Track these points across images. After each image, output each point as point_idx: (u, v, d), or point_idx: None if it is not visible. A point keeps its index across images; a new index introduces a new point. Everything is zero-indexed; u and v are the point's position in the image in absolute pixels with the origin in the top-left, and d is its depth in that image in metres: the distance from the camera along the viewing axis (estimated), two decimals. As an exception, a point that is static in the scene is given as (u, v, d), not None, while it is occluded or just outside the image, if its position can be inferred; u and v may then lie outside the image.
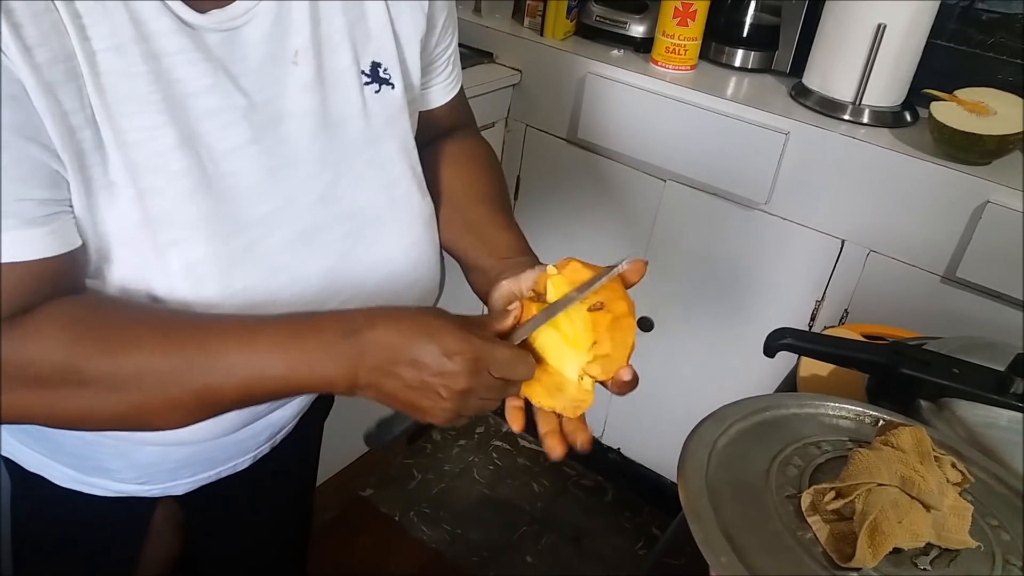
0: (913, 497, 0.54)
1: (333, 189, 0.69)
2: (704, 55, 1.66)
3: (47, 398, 0.57)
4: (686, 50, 1.58)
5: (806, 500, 0.56)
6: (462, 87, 0.87)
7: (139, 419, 0.60)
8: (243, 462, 0.85)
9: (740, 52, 1.65)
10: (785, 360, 0.87)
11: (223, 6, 0.61)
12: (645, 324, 1.75)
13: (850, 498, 0.54)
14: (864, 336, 0.95)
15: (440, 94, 0.84)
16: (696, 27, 1.55)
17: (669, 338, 1.75)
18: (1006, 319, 1.33)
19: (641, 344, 0.64)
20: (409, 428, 0.65)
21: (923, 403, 0.77)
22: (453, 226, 0.80)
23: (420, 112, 0.81)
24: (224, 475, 0.84)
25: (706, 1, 1.54)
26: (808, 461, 0.61)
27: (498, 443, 2.12)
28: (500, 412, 0.68)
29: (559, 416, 0.67)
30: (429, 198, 0.78)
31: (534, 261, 0.74)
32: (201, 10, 0.60)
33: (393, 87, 0.72)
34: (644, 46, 1.66)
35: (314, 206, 0.68)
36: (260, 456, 0.86)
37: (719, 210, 1.58)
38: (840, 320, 1.50)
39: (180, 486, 0.82)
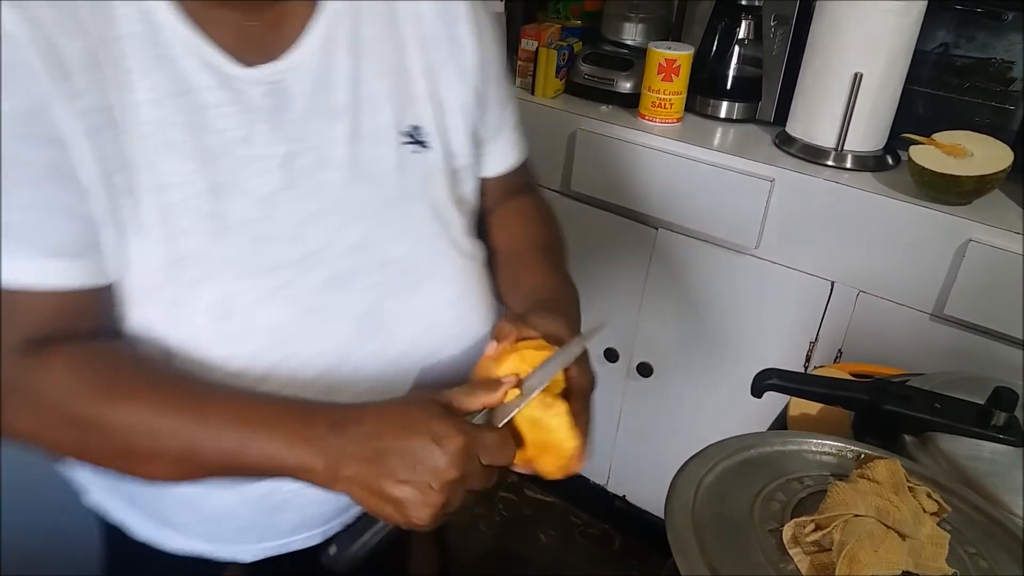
0: (888, 527, 0.56)
1: (368, 239, 0.72)
2: (690, 108, 1.71)
3: (39, 425, 0.61)
4: (672, 104, 1.63)
5: (787, 533, 0.58)
6: (527, 157, 0.91)
7: (125, 464, 0.63)
8: (312, 536, 0.81)
9: (724, 104, 1.70)
10: (780, 401, 0.89)
11: (269, 61, 0.67)
12: (644, 370, 1.77)
13: (828, 529, 0.56)
14: (853, 375, 0.97)
15: (497, 162, 0.88)
16: (680, 82, 1.61)
17: (669, 383, 1.76)
18: (996, 354, 1.35)
19: (642, 390, 0.67)
20: (381, 537, 0.61)
21: (907, 438, 0.79)
22: (501, 280, 0.85)
23: (482, 179, 0.86)
24: (294, 548, 0.81)
25: (689, 57, 1.60)
26: (791, 496, 0.63)
27: (503, 494, 2.11)
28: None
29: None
30: (475, 256, 0.82)
31: (552, 304, 0.76)
32: (248, 64, 0.66)
33: (431, 150, 0.76)
34: (631, 101, 1.72)
35: (348, 253, 0.71)
36: (331, 533, 0.82)
37: (710, 256, 1.62)
38: (835, 360, 1.52)
39: (247, 552, 0.80)
